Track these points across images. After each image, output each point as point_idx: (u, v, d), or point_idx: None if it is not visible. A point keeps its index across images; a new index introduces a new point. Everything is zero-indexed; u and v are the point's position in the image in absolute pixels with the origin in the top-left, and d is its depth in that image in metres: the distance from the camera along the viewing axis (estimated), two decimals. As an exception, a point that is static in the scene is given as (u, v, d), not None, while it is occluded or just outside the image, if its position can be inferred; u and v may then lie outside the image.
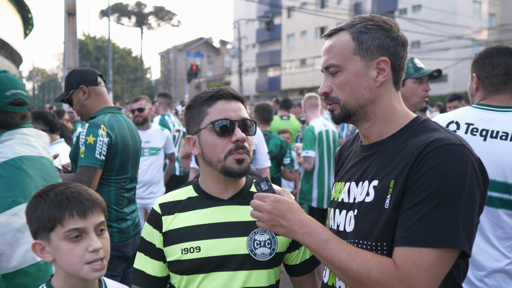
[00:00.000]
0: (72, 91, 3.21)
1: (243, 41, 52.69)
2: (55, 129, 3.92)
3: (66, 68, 11.74)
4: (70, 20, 11.66)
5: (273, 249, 1.71)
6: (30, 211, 1.53)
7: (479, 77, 2.46)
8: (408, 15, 40.88)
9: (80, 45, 54.21)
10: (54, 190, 1.53)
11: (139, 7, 64.61)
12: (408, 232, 1.32)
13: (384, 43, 1.51)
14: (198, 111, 1.74)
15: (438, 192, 1.31)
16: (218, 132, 1.67)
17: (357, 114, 1.54)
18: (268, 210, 1.49)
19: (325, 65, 1.56)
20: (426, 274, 1.28)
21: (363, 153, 1.60)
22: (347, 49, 1.52)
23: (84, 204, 1.50)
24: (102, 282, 1.65)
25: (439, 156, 1.34)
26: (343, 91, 1.53)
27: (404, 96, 3.02)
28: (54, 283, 1.55)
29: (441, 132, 1.45)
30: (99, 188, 3.06)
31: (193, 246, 1.67)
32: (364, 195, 1.49)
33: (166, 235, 1.73)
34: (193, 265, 1.67)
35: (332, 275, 1.60)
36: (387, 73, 1.51)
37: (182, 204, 1.76)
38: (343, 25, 1.57)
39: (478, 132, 2.30)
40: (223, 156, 1.67)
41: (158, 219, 1.76)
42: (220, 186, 1.76)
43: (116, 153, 3.11)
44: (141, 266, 1.79)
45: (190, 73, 28.47)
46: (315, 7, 46.29)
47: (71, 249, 1.47)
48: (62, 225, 1.47)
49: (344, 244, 1.41)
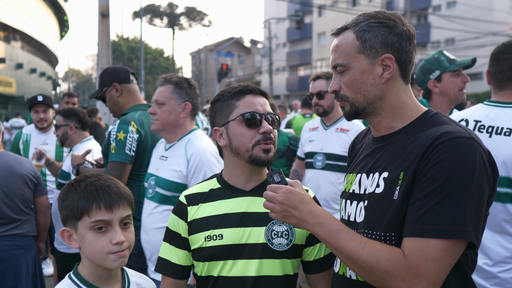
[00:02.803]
0: (105, 88, 3.32)
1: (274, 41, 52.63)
2: (86, 127, 4.06)
3: (100, 68, 12.00)
4: (103, 22, 11.92)
5: (290, 240, 1.77)
6: (62, 198, 1.59)
7: (489, 73, 2.46)
8: (442, 11, 40.00)
9: (114, 46, 55.34)
10: (86, 181, 1.59)
11: (171, 8, 65.41)
12: (416, 223, 1.35)
13: (387, 40, 1.53)
14: (226, 104, 1.83)
15: (447, 184, 1.33)
16: (247, 124, 1.77)
17: (366, 110, 1.58)
18: (280, 201, 1.53)
19: (332, 65, 1.62)
20: (434, 264, 1.31)
21: (374, 145, 1.64)
22: (352, 48, 1.56)
23: (112, 197, 1.55)
24: (124, 272, 1.71)
25: (448, 149, 1.36)
26: (351, 89, 1.57)
27: (443, 92, 2.98)
28: (81, 271, 1.62)
29: (451, 125, 1.47)
30: (129, 183, 3.15)
31: (216, 234, 1.76)
32: (374, 186, 1.53)
33: (191, 224, 1.82)
34: (215, 251, 1.75)
35: (343, 265, 1.63)
36: (392, 69, 1.54)
37: (206, 195, 1.85)
38: (348, 23, 1.61)
39: (485, 129, 2.32)
40: (251, 145, 1.77)
41: (183, 210, 1.85)
42: (244, 177, 1.83)
43: (146, 149, 3.18)
44: (166, 255, 1.87)
45: (221, 72, 28.68)
46: (346, 5, 45.83)
47: (95, 240, 1.53)
48: (89, 215, 1.53)
49: (354, 234, 1.45)
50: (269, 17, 52.26)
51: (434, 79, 3.00)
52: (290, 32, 55.53)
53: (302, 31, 46.34)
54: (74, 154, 3.37)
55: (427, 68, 3.03)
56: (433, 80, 3.00)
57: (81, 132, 4.02)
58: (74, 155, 3.36)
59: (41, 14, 34.72)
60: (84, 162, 3.31)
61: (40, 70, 33.50)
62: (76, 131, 3.98)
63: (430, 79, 3.01)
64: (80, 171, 3.19)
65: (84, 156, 3.32)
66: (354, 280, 1.56)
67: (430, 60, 3.04)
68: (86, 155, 3.36)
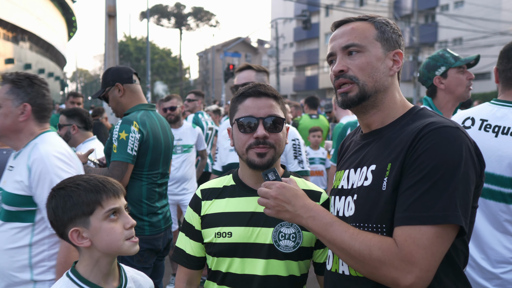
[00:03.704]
0: (108, 88, 3.34)
1: (281, 40, 52.59)
2: (89, 127, 4.09)
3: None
4: (110, 22, 11.98)
5: (297, 243, 1.79)
6: (63, 201, 1.58)
7: (498, 70, 2.43)
8: (450, 11, 39.78)
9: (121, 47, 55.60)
10: (79, 179, 1.62)
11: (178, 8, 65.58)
12: (406, 211, 1.37)
13: (399, 39, 1.64)
14: (232, 107, 1.89)
15: (435, 172, 1.36)
16: (241, 129, 1.80)
17: (370, 99, 1.58)
18: (274, 196, 1.55)
19: (344, 44, 1.59)
20: (426, 251, 1.32)
21: (362, 141, 1.67)
22: (371, 34, 1.60)
23: (114, 186, 1.63)
24: (121, 268, 1.74)
25: (434, 138, 1.39)
26: (364, 71, 1.57)
27: (449, 88, 2.93)
28: (79, 269, 1.62)
29: (436, 117, 1.51)
30: (131, 183, 3.17)
31: (225, 231, 1.81)
32: (362, 180, 1.55)
33: (204, 218, 1.88)
34: (224, 248, 1.80)
35: (335, 261, 1.65)
36: (400, 65, 1.61)
37: (220, 191, 1.91)
38: (361, 16, 1.66)
39: (491, 129, 2.29)
40: (245, 149, 1.80)
41: (198, 203, 1.92)
42: (253, 178, 1.87)
43: (148, 149, 3.21)
44: (181, 245, 1.96)
45: (227, 72, 28.68)
46: (353, 5, 45.74)
47: (112, 227, 1.58)
48: (102, 206, 1.57)
49: (346, 226, 1.46)
50: (276, 17, 52.25)
51: (440, 75, 2.95)
52: (297, 32, 55.47)
53: (309, 31, 46.30)
54: (77, 154, 3.40)
55: (432, 65, 2.99)
56: (439, 76, 2.96)
57: (84, 132, 4.05)
58: (77, 154, 3.39)
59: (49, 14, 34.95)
60: (87, 161, 3.34)
61: (48, 70, 33.74)
62: (79, 131, 4.00)
63: (435, 75, 2.97)
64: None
65: (87, 156, 3.35)
66: (347, 275, 1.58)
67: (435, 57, 3.02)
68: (89, 155, 3.39)
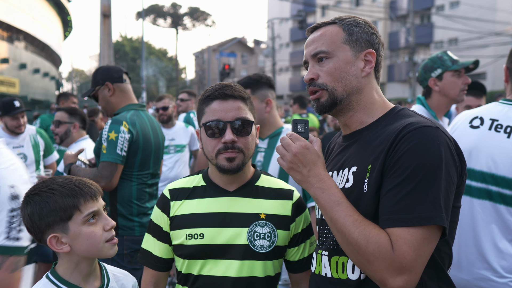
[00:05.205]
0: (98, 87, 3.31)
1: (277, 41, 52.63)
2: (86, 127, 4.15)
3: (102, 68, 11.99)
4: (105, 22, 11.94)
5: (272, 242, 1.75)
6: (39, 208, 1.51)
7: (508, 69, 2.38)
8: (446, 11, 39.87)
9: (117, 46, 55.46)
10: (54, 183, 1.54)
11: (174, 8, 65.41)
12: (392, 213, 1.35)
13: (371, 38, 1.61)
14: (200, 109, 1.82)
15: (417, 172, 1.35)
16: (208, 134, 1.74)
17: (343, 102, 1.57)
18: (294, 153, 1.48)
19: (313, 52, 1.60)
20: (416, 253, 1.32)
21: (344, 143, 1.66)
22: (338, 38, 1.58)
23: (91, 188, 1.57)
24: (103, 267, 1.70)
25: (414, 138, 1.38)
26: (332, 76, 1.57)
27: (443, 91, 2.96)
28: (59, 270, 1.59)
29: (416, 117, 1.50)
30: (121, 183, 3.14)
31: (197, 233, 1.75)
32: (344, 181, 1.54)
33: (173, 219, 1.82)
34: (196, 250, 1.74)
35: (319, 264, 1.63)
36: (373, 65, 1.59)
37: (190, 191, 1.84)
38: (331, 20, 1.64)
39: (503, 129, 2.23)
40: (214, 155, 1.74)
41: (166, 204, 1.85)
42: (224, 178, 1.81)
43: (138, 149, 3.18)
44: (148, 247, 1.89)
45: (223, 72, 28.72)
46: (349, 5, 45.81)
47: (92, 231, 1.54)
48: (80, 210, 1.52)
49: (353, 210, 1.42)
50: (272, 17, 52.22)
51: (435, 77, 2.99)
52: (293, 32, 55.47)
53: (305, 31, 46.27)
54: (67, 153, 3.36)
55: (430, 66, 3.03)
56: (434, 78, 2.99)
57: (81, 131, 4.09)
58: (67, 154, 3.36)
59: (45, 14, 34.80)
60: (76, 161, 3.30)
61: (44, 70, 33.59)
62: (79, 129, 4.03)
63: (431, 77, 3.01)
64: (71, 171, 3.18)
65: (77, 155, 3.31)
66: (329, 278, 1.56)
67: (433, 59, 3.05)
68: (79, 155, 3.36)
